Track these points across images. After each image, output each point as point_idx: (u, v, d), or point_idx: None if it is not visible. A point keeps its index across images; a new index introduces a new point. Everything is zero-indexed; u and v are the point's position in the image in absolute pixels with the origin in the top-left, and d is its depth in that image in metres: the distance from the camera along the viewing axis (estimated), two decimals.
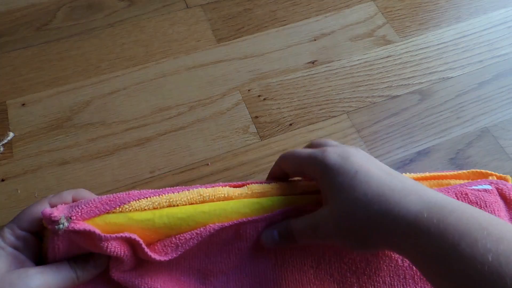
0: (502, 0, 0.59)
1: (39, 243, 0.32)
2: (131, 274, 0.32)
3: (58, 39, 0.53)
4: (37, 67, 0.51)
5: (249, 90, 0.50)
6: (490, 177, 0.40)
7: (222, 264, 0.34)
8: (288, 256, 0.35)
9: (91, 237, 0.29)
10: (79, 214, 0.30)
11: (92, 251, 0.31)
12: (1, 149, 0.45)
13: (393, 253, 0.34)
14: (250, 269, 0.34)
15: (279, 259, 0.35)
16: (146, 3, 0.57)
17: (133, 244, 0.31)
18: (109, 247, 0.29)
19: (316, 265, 0.35)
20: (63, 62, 0.52)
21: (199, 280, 0.34)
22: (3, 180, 0.43)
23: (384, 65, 0.53)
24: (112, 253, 0.30)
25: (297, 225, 0.33)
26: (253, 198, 0.34)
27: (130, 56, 0.52)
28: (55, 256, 0.31)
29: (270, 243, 0.34)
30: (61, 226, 0.29)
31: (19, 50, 0.52)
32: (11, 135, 0.46)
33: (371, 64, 0.53)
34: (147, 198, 0.32)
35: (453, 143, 0.47)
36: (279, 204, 0.34)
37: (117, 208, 0.31)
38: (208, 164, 0.45)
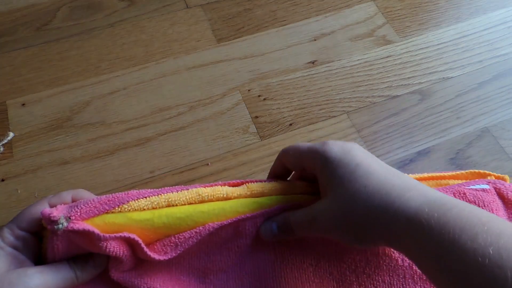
0: (502, 0, 0.59)
1: (39, 243, 0.32)
2: (130, 274, 0.32)
3: (58, 39, 0.54)
4: (37, 67, 0.51)
5: (249, 90, 0.50)
6: (488, 177, 0.40)
7: (221, 263, 0.34)
8: (288, 253, 0.35)
9: (90, 237, 0.29)
10: (78, 214, 0.30)
11: (91, 251, 0.31)
12: (1, 149, 0.45)
13: (393, 252, 0.34)
14: (250, 267, 0.34)
15: (278, 256, 0.35)
16: (146, 3, 0.57)
17: (132, 244, 0.31)
18: (108, 247, 0.29)
19: (315, 263, 0.35)
20: (63, 62, 0.52)
21: (199, 279, 0.34)
22: (3, 180, 0.43)
23: (384, 65, 0.53)
24: (111, 253, 0.30)
25: (295, 217, 0.33)
26: (252, 198, 0.34)
27: (130, 56, 0.52)
28: (54, 256, 0.31)
29: (268, 235, 0.33)
30: (60, 226, 0.29)
31: (19, 50, 0.52)
32: (11, 135, 0.46)
33: (371, 64, 0.53)
34: (146, 198, 0.32)
35: (453, 143, 0.47)
36: (277, 202, 0.34)
37: (116, 208, 0.31)
38: (208, 164, 0.45)
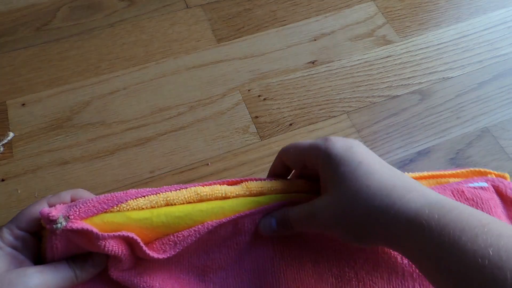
0: (502, 0, 0.59)
1: (38, 243, 0.32)
2: (129, 273, 0.32)
3: (58, 39, 0.54)
4: (37, 67, 0.51)
5: (249, 90, 0.50)
6: (488, 175, 0.40)
7: (221, 260, 0.34)
8: (287, 250, 0.35)
9: (89, 236, 0.29)
10: (77, 213, 0.30)
11: (90, 250, 0.31)
12: (1, 149, 0.45)
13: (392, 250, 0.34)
14: (249, 264, 0.34)
15: (277, 253, 0.35)
16: (146, 3, 0.57)
17: (131, 243, 0.31)
18: (106, 246, 0.30)
19: (314, 259, 0.35)
20: (63, 62, 0.52)
21: (198, 277, 0.34)
22: (3, 180, 0.43)
23: (384, 65, 0.53)
24: (110, 252, 0.30)
25: (294, 212, 0.33)
26: (251, 197, 0.34)
27: (130, 56, 0.52)
28: (53, 256, 0.31)
29: (267, 230, 0.33)
30: (59, 226, 0.29)
31: (19, 50, 0.52)
32: (11, 135, 0.46)
33: (371, 64, 0.53)
34: (144, 197, 0.32)
35: (453, 143, 0.47)
36: (276, 201, 0.34)
37: (115, 207, 0.31)
38: (208, 164, 0.45)
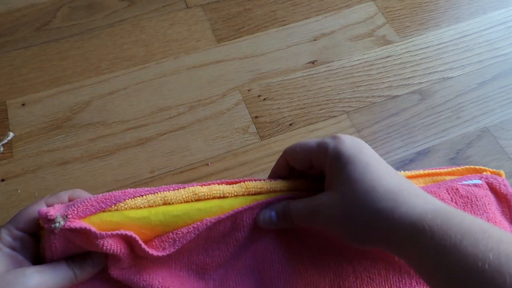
0: (502, 0, 0.59)
1: (37, 244, 0.32)
2: (129, 272, 0.32)
3: (58, 39, 0.54)
4: (37, 67, 0.51)
5: (249, 90, 0.50)
6: (484, 173, 0.40)
7: (220, 257, 0.34)
8: (285, 245, 0.35)
9: (87, 235, 0.29)
10: (75, 212, 0.30)
11: (89, 249, 0.31)
12: (1, 149, 0.45)
13: None
14: (248, 260, 0.34)
15: (276, 248, 0.35)
16: (146, 3, 0.57)
17: (130, 241, 0.31)
18: (105, 245, 0.30)
19: (312, 254, 0.35)
20: (63, 62, 0.52)
21: (198, 275, 0.34)
22: (3, 180, 0.43)
23: (384, 65, 0.53)
24: (109, 251, 0.30)
25: (295, 206, 0.33)
26: (250, 196, 0.34)
27: (130, 56, 0.52)
28: (52, 255, 0.31)
29: (267, 223, 0.33)
30: (57, 225, 0.29)
31: (19, 50, 0.52)
32: (11, 135, 0.46)
33: (371, 64, 0.53)
34: (142, 196, 0.32)
35: (453, 143, 0.47)
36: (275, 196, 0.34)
37: (113, 207, 0.31)
38: (208, 164, 0.45)
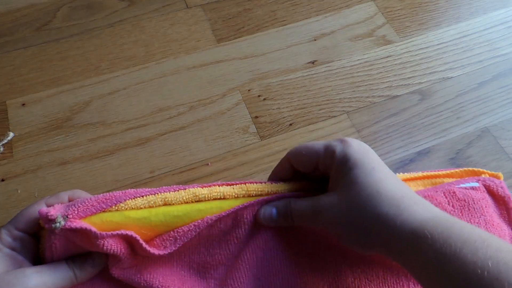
0: (502, 0, 0.59)
1: (37, 244, 0.32)
2: (131, 271, 0.32)
3: (58, 39, 0.54)
4: (37, 67, 0.51)
5: (249, 90, 0.50)
6: (483, 175, 0.40)
7: (221, 256, 0.34)
8: (284, 245, 0.35)
9: (87, 235, 0.29)
10: (76, 212, 0.30)
11: (89, 249, 0.31)
12: (1, 149, 0.45)
13: None
14: (248, 259, 0.34)
15: (275, 248, 0.35)
16: (146, 3, 0.57)
17: (130, 241, 0.31)
18: (105, 245, 0.30)
19: (312, 254, 0.35)
20: (63, 62, 0.52)
21: (199, 274, 0.34)
22: (3, 180, 0.43)
23: (384, 65, 0.53)
24: (109, 251, 0.30)
25: (297, 205, 0.33)
26: (250, 198, 0.34)
27: (130, 56, 0.52)
28: (52, 255, 0.31)
29: (267, 219, 0.33)
30: (57, 225, 0.29)
31: (19, 50, 0.52)
32: (11, 135, 0.46)
33: (371, 64, 0.53)
34: (142, 197, 0.32)
35: (453, 143, 0.47)
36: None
37: (113, 207, 0.31)
38: (208, 164, 0.45)
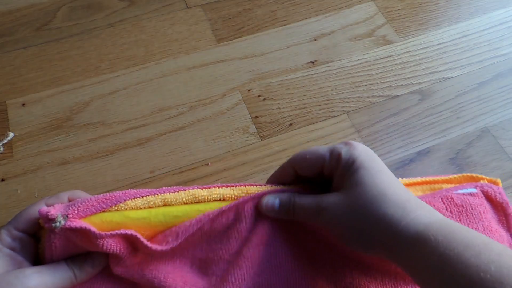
0: (502, 0, 0.59)
1: (36, 244, 0.32)
2: (133, 268, 0.32)
3: (58, 39, 0.53)
4: (37, 67, 0.51)
5: (249, 90, 0.50)
6: (481, 181, 0.40)
7: (223, 251, 0.34)
8: (285, 240, 0.35)
9: (87, 235, 0.29)
10: (76, 212, 0.30)
11: (89, 249, 0.31)
12: (1, 149, 0.45)
13: None
14: (249, 255, 0.34)
15: (276, 245, 0.35)
16: (146, 3, 0.57)
17: (131, 240, 0.31)
18: (105, 245, 0.30)
19: (311, 253, 0.35)
20: (63, 62, 0.52)
21: (201, 271, 0.34)
22: (3, 180, 0.43)
23: (384, 65, 0.53)
24: (109, 251, 0.30)
25: (301, 200, 0.33)
26: None
27: (130, 56, 0.52)
28: (52, 255, 0.31)
29: (269, 209, 0.33)
30: (57, 224, 0.29)
31: (19, 50, 0.52)
32: (11, 135, 0.46)
33: (371, 64, 0.53)
34: (142, 197, 0.32)
35: (453, 143, 0.47)
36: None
37: (113, 207, 0.31)
38: (208, 164, 0.45)
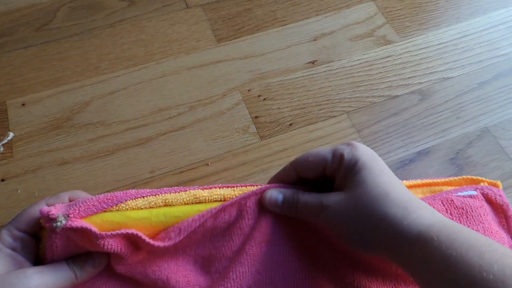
0: (502, 0, 0.59)
1: (37, 244, 0.32)
2: (136, 266, 0.32)
3: (58, 39, 0.53)
4: (37, 67, 0.51)
5: (249, 90, 0.50)
6: (481, 183, 0.40)
7: (225, 248, 0.34)
8: (287, 239, 0.35)
9: (88, 235, 0.29)
10: (77, 212, 0.30)
11: (89, 249, 0.31)
12: (1, 149, 0.45)
13: None
14: (251, 252, 0.34)
15: (278, 243, 0.35)
16: (146, 3, 0.57)
17: (133, 239, 0.31)
18: (105, 245, 0.30)
19: (312, 252, 0.35)
20: (63, 62, 0.52)
21: (204, 269, 0.34)
22: (3, 180, 0.43)
23: (384, 65, 0.53)
24: (110, 250, 0.30)
25: (304, 196, 0.33)
26: None
27: (130, 56, 0.52)
28: (52, 255, 0.31)
29: (272, 203, 0.33)
30: (58, 224, 0.29)
31: (19, 50, 0.52)
32: (11, 135, 0.46)
33: (371, 64, 0.53)
34: (143, 197, 0.32)
35: (453, 143, 0.47)
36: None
37: (114, 207, 0.31)
38: (208, 164, 0.45)
